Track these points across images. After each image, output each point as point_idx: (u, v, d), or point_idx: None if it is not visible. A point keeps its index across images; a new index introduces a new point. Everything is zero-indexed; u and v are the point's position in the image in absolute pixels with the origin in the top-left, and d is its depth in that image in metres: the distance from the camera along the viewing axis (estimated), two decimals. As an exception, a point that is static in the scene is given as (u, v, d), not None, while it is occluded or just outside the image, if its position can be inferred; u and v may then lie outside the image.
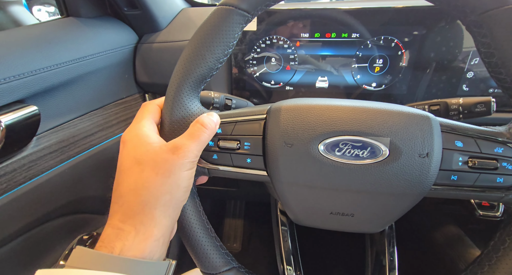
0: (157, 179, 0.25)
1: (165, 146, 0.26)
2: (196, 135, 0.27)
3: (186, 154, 0.26)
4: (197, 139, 0.26)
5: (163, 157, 0.25)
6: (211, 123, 0.28)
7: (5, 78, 0.33)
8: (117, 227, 0.24)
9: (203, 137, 0.27)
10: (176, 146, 0.26)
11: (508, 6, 0.24)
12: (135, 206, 0.24)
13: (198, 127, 0.27)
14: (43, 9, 3.66)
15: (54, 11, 3.91)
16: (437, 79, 0.51)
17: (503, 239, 0.27)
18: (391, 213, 0.29)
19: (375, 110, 0.28)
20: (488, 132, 0.27)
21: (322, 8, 0.50)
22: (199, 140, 0.27)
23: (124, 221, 0.24)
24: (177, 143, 0.26)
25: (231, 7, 0.28)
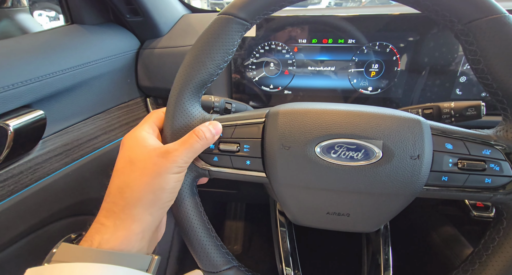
0: (143, 179, 0.26)
1: (158, 149, 0.27)
2: (189, 143, 0.28)
3: (175, 159, 0.27)
4: (189, 147, 0.28)
5: (153, 160, 0.27)
6: (207, 133, 0.29)
7: (13, 84, 0.34)
8: (100, 222, 0.26)
9: (196, 145, 0.28)
10: (167, 150, 0.27)
11: (491, 16, 0.25)
12: (118, 204, 0.26)
13: (193, 136, 0.28)
14: (44, 14, 3.69)
15: (55, 15, 3.94)
16: (431, 83, 0.52)
17: (493, 237, 0.28)
18: (385, 213, 0.30)
19: (368, 114, 0.29)
20: (476, 135, 0.28)
21: (319, 15, 0.52)
22: (191, 148, 0.28)
23: (107, 217, 0.26)
24: (169, 148, 0.27)
25: (230, 16, 0.30)
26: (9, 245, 0.38)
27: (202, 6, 6.66)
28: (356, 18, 0.51)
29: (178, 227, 0.32)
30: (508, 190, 0.27)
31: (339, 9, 0.53)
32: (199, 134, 0.29)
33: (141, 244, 0.26)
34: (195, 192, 0.32)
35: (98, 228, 0.25)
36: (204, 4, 9.94)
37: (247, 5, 0.29)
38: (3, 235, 0.37)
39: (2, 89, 0.33)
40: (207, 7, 9.52)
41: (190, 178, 0.32)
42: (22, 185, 0.38)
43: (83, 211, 0.50)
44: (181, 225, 0.31)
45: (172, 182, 0.28)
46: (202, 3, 10.08)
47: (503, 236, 0.27)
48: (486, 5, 0.25)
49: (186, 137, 0.29)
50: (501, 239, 0.27)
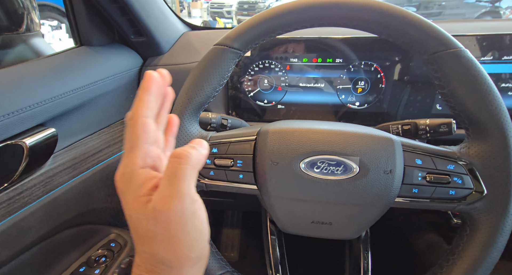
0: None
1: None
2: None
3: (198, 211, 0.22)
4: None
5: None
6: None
7: (30, 106, 0.38)
8: None
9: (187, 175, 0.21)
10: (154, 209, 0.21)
11: (452, 49, 0.29)
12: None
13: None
14: (47, 23, 3.73)
15: (57, 24, 3.98)
16: (413, 99, 0.57)
17: (458, 243, 0.32)
18: (363, 222, 0.34)
19: (347, 133, 0.33)
20: (443, 151, 0.32)
21: (309, 37, 0.56)
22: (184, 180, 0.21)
23: None
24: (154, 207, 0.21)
25: (225, 46, 0.34)
26: (20, 254, 0.41)
27: (202, 14, 6.68)
28: (343, 40, 0.55)
29: None
30: (470, 201, 0.30)
31: (327, 31, 0.57)
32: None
33: None
34: None
35: None
36: (204, 12, 9.95)
37: (240, 37, 0.33)
38: (16, 245, 0.40)
39: (21, 111, 0.37)
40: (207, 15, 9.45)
41: None
42: (35, 197, 0.41)
43: (87, 220, 0.53)
44: None
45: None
46: (202, 11, 10.13)
47: (467, 242, 0.31)
48: (447, 40, 0.30)
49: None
50: (465, 244, 0.31)
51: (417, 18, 0.30)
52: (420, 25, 0.30)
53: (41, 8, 1.59)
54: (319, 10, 0.31)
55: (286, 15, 0.32)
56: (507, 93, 0.53)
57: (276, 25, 0.33)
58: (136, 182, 0.21)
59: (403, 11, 0.30)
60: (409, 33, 0.30)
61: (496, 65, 0.52)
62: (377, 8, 0.30)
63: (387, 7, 0.30)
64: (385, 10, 0.30)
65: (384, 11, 0.30)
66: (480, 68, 0.29)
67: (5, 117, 0.36)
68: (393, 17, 0.30)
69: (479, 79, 0.29)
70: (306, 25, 0.33)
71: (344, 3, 0.31)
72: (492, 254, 0.29)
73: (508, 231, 0.29)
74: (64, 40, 3.42)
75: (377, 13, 0.30)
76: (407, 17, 0.30)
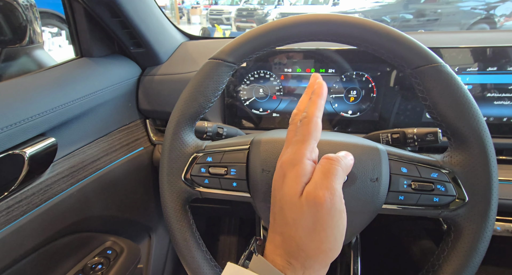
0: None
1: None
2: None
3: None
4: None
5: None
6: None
7: (32, 116, 0.39)
8: (288, 261, 0.24)
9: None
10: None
11: (433, 64, 0.31)
12: (301, 255, 0.24)
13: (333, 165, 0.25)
14: (47, 30, 3.76)
15: (57, 31, 3.99)
16: (404, 108, 0.58)
17: (443, 248, 0.33)
18: (353, 228, 0.35)
19: (335, 142, 0.34)
20: (427, 160, 0.33)
21: (303, 49, 0.58)
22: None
23: (294, 259, 0.24)
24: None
25: (220, 60, 0.35)
26: (18, 262, 0.41)
27: (201, 21, 6.81)
28: (336, 51, 0.58)
29: (173, 243, 0.36)
30: (453, 208, 0.32)
31: (320, 42, 0.59)
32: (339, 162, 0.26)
33: None
34: (188, 210, 0.37)
35: (287, 267, 0.24)
36: (203, 19, 10.14)
37: (234, 51, 0.35)
38: (14, 253, 0.40)
39: (23, 122, 0.38)
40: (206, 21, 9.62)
41: (184, 198, 0.36)
42: (34, 205, 0.42)
43: (84, 228, 0.54)
44: (175, 242, 0.36)
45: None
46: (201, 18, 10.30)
47: (451, 247, 0.32)
48: (428, 55, 0.31)
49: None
50: (449, 250, 0.32)
51: (399, 35, 0.32)
52: (402, 41, 0.31)
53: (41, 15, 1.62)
54: (309, 27, 0.33)
55: (278, 31, 0.34)
56: (493, 103, 0.55)
57: (269, 41, 0.35)
58: (301, 170, 0.25)
59: (387, 28, 0.32)
60: (392, 48, 0.32)
61: (481, 75, 0.54)
62: (362, 25, 0.32)
63: (372, 24, 0.32)
64: (369, 27, 0.32)
65: (368, 28, 0.32)
66: (459, 82, 0.31)
67: (8, 128, 0.37)
68: (377, 34, 0.32)
69: (458, 92, 0.30)
70: (296, 41, 0.35)
71: (331, 21, 0.33)
72: (475, 258, 0.30)
73: (489, 236, 0.30)
74: (64, 46, 3.46)
75: (362, 30, 0.32)
76: (389, 34, 0.32)
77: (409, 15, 5.47)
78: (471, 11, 5.21)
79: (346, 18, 0.32)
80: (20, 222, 0.40)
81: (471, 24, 5.27)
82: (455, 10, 5.28)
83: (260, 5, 8.72)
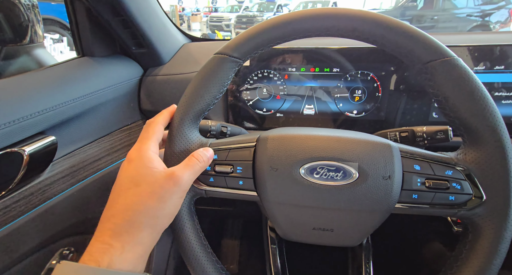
0: (149, 203, 0.28)
1: (164, 173, 0.29)
2: (191, 165, 0.31)
3: (180, 182, 0.29)
4: (191, 169, 0.31)
5: (160, 183, 0.28)
6: (204, 157, 0.33)
7: (31, 114, 0.38)
8: (106, 242, 0.26)
9: (196, 168, 0.31)
10: (173, 173, 0.29)
11: (444, 59, 0.30)
12: (123, 226, 0.27)
13: (193, 159, 0.32)
14: (49, 36, 3.78)
15: (58, 38, 4.02)
16: (410, 107, 0.58)
17: (461, 250, 0.31)
18: (365, 228, 0.34)
19: (345, 139, 0.33)
20: (440, 157, 0.32)
21: (306, 48, 0.58)
22: (193, 170, 0.31)
23: (113, 238, 0.26)
24: (174, 171, 0.29)
25: (225, 55, 0.34)
26: (16, 263, 0.40)
27: (201, 28, 6.95)
28: (339, 50, 0.57)
29: (177, 243, 0.35)
30: (470, 207, 0.30)
31: (324, 41, 0.59)
32: (199, 157, 0.32)
33: (143, 265, 0.28)
34: (192, 210, 0.36)
35: (105, 249, 0.26)
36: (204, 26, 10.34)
37: (240, 46, 0.34)
38: (12, 255, 0.39)
39: (22, 119, 0.37)
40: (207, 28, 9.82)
41: (189, 197, 0.35)
42: (32, 205, 0.41)
43: (84, 230, 0.52)
44: (179, 242, 0.34)
45: (174, 207, 0.30)
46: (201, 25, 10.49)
47: (469, 248, 0.30)
48: (440, 49, 0.30)
49: (187, 160, 0.31)
50: (468, 251, 0.30)
51: (410, 28, 0.31)
52: (413, 35, 0.31)
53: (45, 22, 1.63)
54: (317, 22, 0.32)
55: (285, 26, 0.33)
56: (500, 102, 0.54)
57: (275, 36, 0.34)
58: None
59: (397, 21, 0.31)
60: (402, 43, 0.31)
61: (489, 74, 0.54)
62: (372, 19, 0.31)
63: (382, 18, 0.31)
64: (379, 21, 0.31)
65: (379, 22, 0.31)
66: (473, 76, 0.30)
67: (6, 125, 0.36)
68: (387, 28, 0.31)
69: (473, 86, 0.29)
70: (303, 36, 0.34)
71: (340, 14, 0.32)
72: (495, 260, 0.29)
73: (509, 236, 0.29)
74: (65, 52, 3.48)
75: (373, 24, 0.31)
76: (400, 28, 0.31)
77: (406, 22, 5.55)
78: (467, 18, 5.30)
79: (355, 12, 0.32)
80: (18, 223, 0.39)
81: (467, 31, 5.35)
82: (451, 17, 5.37)
83: (259, 12, 8.85)
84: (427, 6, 5.56)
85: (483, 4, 5.25)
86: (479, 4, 5.26)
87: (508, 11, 5.16)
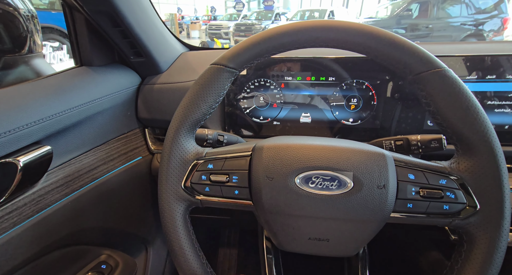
0: None
1: None
2: None
3: None
4: None
5: None
6: None
7: (27, 124, 0.38)
8: None
9: None
10: None
11: (434, 70, 0.31)
12: None
13: None
14: (48, 44, 3.83)
15: (58, 45, 4.07)
16: (405, 116, 0.58)
17: (456, 260, 0.31)
18: (360, 237, 0.33)
19: (340, 148, 0.33)
20: (434, 166, 0.32)
21: (303, 57, 0.59)
22: None
23: None
24: None
25: (221, 66, 0.35)
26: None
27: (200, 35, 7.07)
28: (335, 59, 0.58)
29: (171, 253, 0.34)
30: (464, 216, 0.30)
31: (320, 51, 0.60)
32: None
33: None
34: (187, 220, 0.35)
35: None
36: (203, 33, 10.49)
37: (235, 57, 0.35)
38: (4, 267, 0.38)
39: (18, 129, 0.37)
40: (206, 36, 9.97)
41: (184, 207, 0.35)
42: (25, 216, 0.40)
43: (79, 241, 0.51)
44: (173, 251, 0.34)
45: None
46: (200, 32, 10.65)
47: (465, 258, 0.30)
48: (430, 60, 0.31)
49: None
50: (463, 261, 0.30)
51: (401, 40, 0.32)
52: (404, 47, 0.31)
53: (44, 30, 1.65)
54: (312, 33, 0.33)
55: (278, 38, 0.34)
56: (493, 110, 0.55)
57: (271, 46, 0.34)
58: None
59: (388, 33, 0.32)
60: (393, 54, 0.32)
61: (481, 83, 0.55)
62: (363, 31, 0.32)
63: (374, 30, 0.32)
64: (371, 33, 0.32)
65: (370, 34, 0.32)
66: (463, 86, 0.30)
67: (2, 136, 0.36)
68: (378, 40, 0.32)
69: (464, 97, 0.30)
70: (297, 47, 0.34)
71: (334, 27, 0.32)
72: (491, 270, 0.29)
73: (504, 246, 0.29)
74: (65, 60, 3.51)
75: (364, 36, 0.32)
76: (391, 40, 0.32)
77: (401, 30, 5.66)
78: (461, 26, 5.41)
79: (347, 24, 0.32)
80: (10, 235, 0.38)
81: (461, 39, 5.46)
82: (446, 26, 5.48)
83: (257, 21, 8.99)
84: (422, 15, 5.67)
85: (476, 13, 5.37)
86: (473, 13, 5.37)
87: (501, 20, 5.27)
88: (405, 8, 5.70)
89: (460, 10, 5.41)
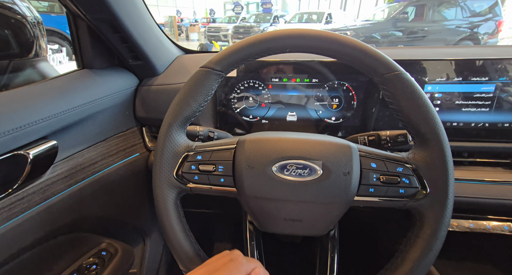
0: None
1: None
2: None
3: None
4: None
5: None
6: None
7: (36, 121, 0.43)
8: None
9: None
10: None
11: (395, 72, 0.35)
12: None
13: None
14: (48, 47, 3.86)
15: (57, 48, 4.08)
16: (382, 114, 0.63)
17: (409, 236, 0.36)
18: (329, 218, 0.38)
19: (312, 141, 0.38)
20: (393, 156, 0.37)
21: (288, 60, 0.64)
22: None
23: None
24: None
25: (209, 69, 0.40)
26: (17, 257, 0.43)
27: (199, 38, 7.08)
28: (319, 63, 0.63)
29: (164, 234, 0.39)
30: (417, 198, 0.35)
31: (305, 55, 0.65)
32: None
33: None
34: (178, 204, 0.40)
35: None
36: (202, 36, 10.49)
37: (222, 61, 0.40)
38: (14, 249, 0.42)
39: (28, 125, 0.42)
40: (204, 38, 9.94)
41: (175, 193, 0.39)
42: (34, 203, 0.45)
43: (80, 228, 0.56)
44: (165, 232, 0.38)
45: None
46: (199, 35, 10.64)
47: (415, 234, 0.35)
48: (390, 64, 0.36)
49: None
50: (415, 237, 0.35)
51: (365, 46, 0.36)
52: (367, 52, 0.36)
53: (45, 33, 1.69)
54: (289, 40, 0.38)
55: (261, 44, 0.38)
56: (460, 109, 0.60)
57: (253, 52, 0.39)
58: None
59: (355, 41, 0.37)
60: (361, 58, 0.36)
61: (449, 85, 0.60)
62: (334, 39, 0.37)
63: (343, 38, 0.37)
64: (340, 40, 0.36)
65: (340, 41, 0.36)
66: (418, 88, 0.35)
67: (14, 131, 0.40)
68: (347, 46, 0.36)
69: (418, 97, 0.35)
70: (276, 52, 0.39)
71: (308, 35, 0.37)
72: (436, 243, 0.33)
73: (447, 222, 0.34)
74: (64, 62, 3.54)
75: (335, 43, 0.37)
76: (357, 46, 0.36)
77: (398, 33, 5.74)
78: (456, 29, 5.49)
79: (319, 33, 0.37)
80: (21, 219, 0.43)
81: (456, 41, 5.53)
82: (441, 29, 5.56)
83: (256, 23, 9.07)
84: (418, 18, 5.75)
85: (471, 16, 5.45)
86: (468, 16, 5.45)
87: (495, 23, 5.36)
88: (401, 11, 5.78)
89: (455, 13, 5.49)
